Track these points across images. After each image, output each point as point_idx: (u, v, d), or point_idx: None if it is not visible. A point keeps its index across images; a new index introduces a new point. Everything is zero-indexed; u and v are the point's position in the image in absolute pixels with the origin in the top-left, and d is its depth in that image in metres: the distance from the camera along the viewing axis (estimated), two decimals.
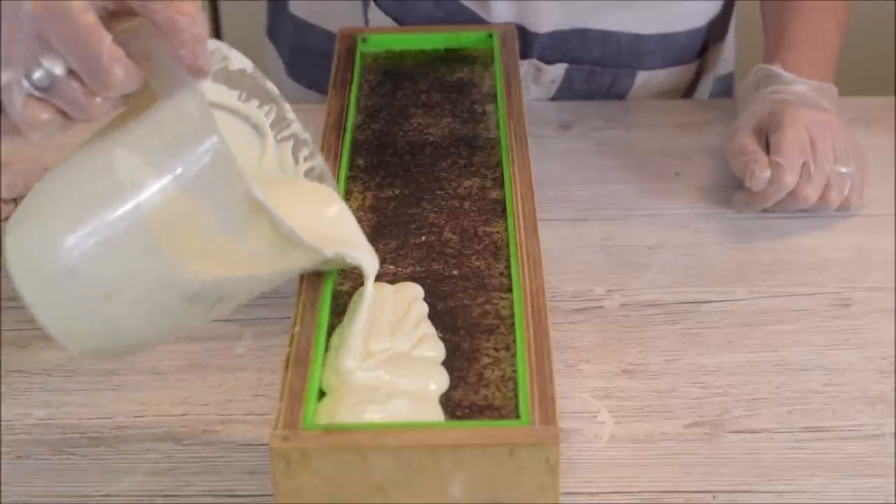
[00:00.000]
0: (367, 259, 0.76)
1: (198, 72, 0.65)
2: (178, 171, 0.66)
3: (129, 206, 0.66)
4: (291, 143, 0.81)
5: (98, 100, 0.65)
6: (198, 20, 0.65)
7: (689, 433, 0.83)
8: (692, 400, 0.85)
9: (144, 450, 0.82)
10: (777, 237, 1.01)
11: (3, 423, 0.84)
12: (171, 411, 0.85)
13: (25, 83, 0.65)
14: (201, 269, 0.69)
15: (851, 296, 0.95)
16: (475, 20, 1.14)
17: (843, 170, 1.01)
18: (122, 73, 0.64)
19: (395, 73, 1.03)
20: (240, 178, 0.66)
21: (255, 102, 0.80)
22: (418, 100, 0.99)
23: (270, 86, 0.80)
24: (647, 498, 0.78)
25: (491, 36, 1.07)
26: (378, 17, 1.16)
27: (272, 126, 0.80)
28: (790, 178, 0.99)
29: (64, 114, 0.66)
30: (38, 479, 0.80)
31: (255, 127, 0.80)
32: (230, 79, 0.78)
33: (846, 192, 1.01)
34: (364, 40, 1.06)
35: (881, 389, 0.86)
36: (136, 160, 0.67)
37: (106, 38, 0.63)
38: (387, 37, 1.07)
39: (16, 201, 1.05)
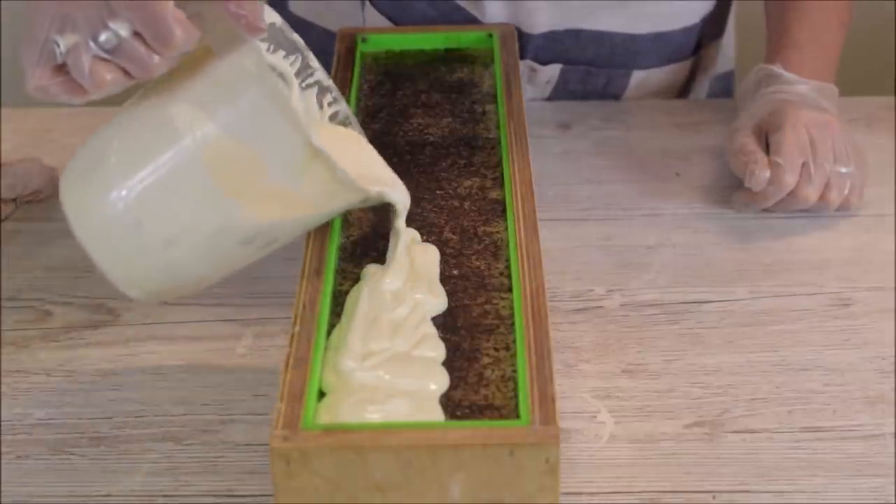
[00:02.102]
0: (401, 195, 0.80)
1: (254, 29, 0.71)
2: (238, 122, 0.71)
3: (190, 156, 0.71)
4: (316, 89, 0.85)
5: (157, 58, 0.70)
6: None
7: (689, 433, 0.83)
8: (692, 400, 0.85)
9: (144, 450, 0.82)
10: (777, 237, 1.01)
11: (3, 423, 0.84)
12: (171, 411, 0.85)
13: (93, 46, 0.70)
14: (259, 213, 0.73)
15: (851, 296, 0.95)
16: (470, 20, 1.14)
17: (843, 170, 1.01)
18: (182, 32, 0.70)
19: (395, 73, 1.03)
20: (299, 126, 0.70)
21: (281, 53, 0.83)
22: (418, 100, 0.99)
23: (296, 37, 0.84)
24: (647, 498, 0.78)
25: (491, 36, 1.06)
26: (374, 16, 1.16)
27: (297, 74, 0.84)
28: (790, 179, 0.99)
29: (126, 73, 0.71)
30: (38, 479, 0.80)
31: (282, 76, 0.83)
32: None
33: (846, 192, 1.01)
34: (364, 40, 1.06)
35: (881, 389, 0.86)
36: (196, 113, 0.71)
37: (169, 1, 0.69)
38: (387, 37, 1.07)
39: (16, 201, 1.05)
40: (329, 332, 0.75)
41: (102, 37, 0.70)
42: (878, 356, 0.89)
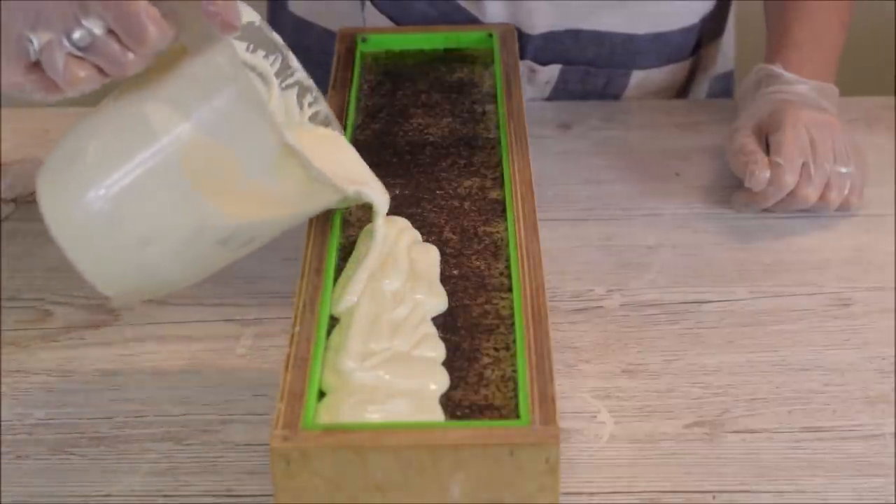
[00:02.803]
0: (380, 196, 0.80)
1: (229, 27, 0.70)
2: (213, 121, 0.71)
3: (166, 155, 0.71)
4: (296, 90, 0.85)
5: (132, 56, 0.70)
6: None
7: (689, 433, 0.83)
8: (692, 400, 0.85)
9: (144, 450, 0.82)
10: (777, 237, 1.01)
11: (3, 423, 0.84)
12: (171, 411, 0.85)
13: (66, 43, 0.70)
14: (235, 212, 0.73)
15: (851, 296, 0.95)
16: (470, 20, 1.14)
17: (843, 170, 1.01)
18: (156, 30, 0.69)
19: (395, 73, 1.03)
20: (273, 125, 0.70)
21: (261, 53, 0.83)
22: (418, 100, 0.99)
23: (276, 36, 0.83)
24: (647, 498, 0.78)
25: (491, 36, 1.06)
26: (374, 15, 1.16)
27: (277, 74, 0.84)
28: (790, 179, 0.99)
29: (100, 70, 0.71)
30: (38, 479, 0.80)
31: (261, 76, 0.84)
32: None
33: (846, 192, 1.01)
34: (364, 40, 1.06)
35: (881, 389, 0.86)
36: (170, 112, 0.71)
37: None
38: (387, 37, 1.07)
39: (15, 201, 1.05)
40: (329, 333, 0.75)
41: (76, 34, 0.70)
42: (878, 356, 0.89)
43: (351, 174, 0.80)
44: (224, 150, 0.71)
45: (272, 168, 0.72)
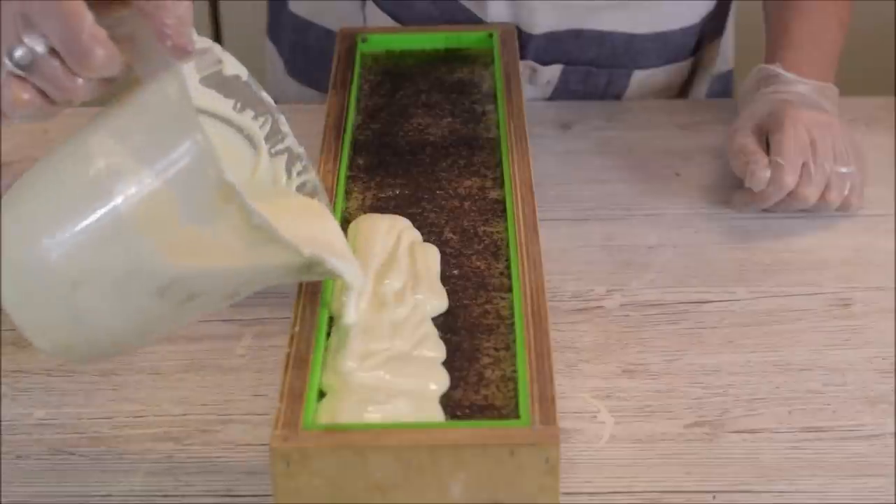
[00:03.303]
0: (351, 269, 0.74)
1: (180, 51, 0.65)
2: (154, 155, 0.66)
3: (103, 191, 0.66)
4: (286, 157, 0.80)
5: (79, 81, 0.65)
6: (181, 1, 0.64)
7: (689, 433, 0.83)
8: (692, 400, 0.85)
9: (144, 450, 0.82)
10: (777, 237, 1.01)
11: (3, 423, 0.84)
12: (171, 411, 0.85)
13: (7, 62, 0.65)
14: (172, 257, 0.67)
15: (851, 296, 0.95)
16: (472, 19, 1.14)
17: (844, 170, 1.01)
18: (102, 53, 0.64)
19: (395, 73, 1.03)
20: (214, 162, 0.65)
21: (250, 113, 0.79)
22: (418, 100, 0.99)
23: (265, 96, 0.78)
24: (647, 498, 0.78)
25: (491, 36, 1.06)
26: (375, 14, 1.16)
27: (266, 139, 0.79)
28: (790, 179, 0.99)
29: (44, 95, 0.66)
30: (38, 479, 0.80)
31: (249, 139, 0.79)
32: (225, 85, 0.77)
33: (846, 192, 1.01)
34: (364, 40, 1.06)
35: (881, 389, 0.86)
36: (114, 145, 0.67)
37: (88, 18, 0.63)
38: (387, 37, 1.07)
39: None
40: (329, 333, 0.75)
41: (17, 53, 0.65)
42: (878, 356, 0.89)
43: (329, 246, 0.75)
44: (164, 187, 0.66)
45: (211, 211, 0.66)
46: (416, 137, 0.94)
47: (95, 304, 0.68)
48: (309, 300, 0.76)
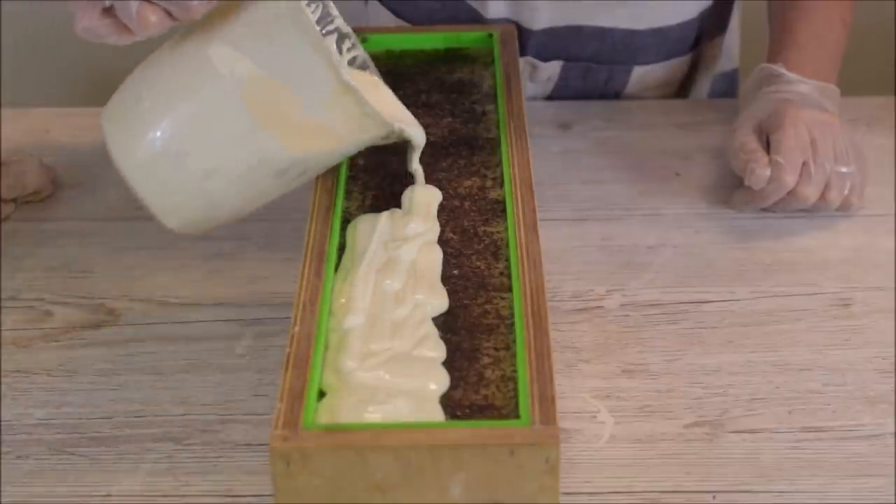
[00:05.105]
0: (418, 132, 0.86)
1: None
2: (273, 60, 0.76)
3: (228, 92, 0.77)
4: (336, 36, 0.90)
5: (196, 1, 0.75)
6: None
7: (689, 433, 0.83)
8: (692, 400, 0.85)
9: (144, 450, 0.82)
10: (777, 237, 1.01)
11: (3, 423, 0.84)
12: (171, 411, 0.85)
13: None
14: (294, 145, 0.78)
15: (851, 296, 0.95)
16: (473, 15, 1.14)
17: (844, 170, 1.01)
18: None
19: (395, 73, 1.03)
20: (332, 63, 0.76)
21: (304, 1, 0.85)
22: (418, 100, 0.99)
23: None
24: (647, 498, 0.78)
25: (491, 36, 1.07)
26: (377, 9, 1.16)
27: (318, 22, 0.89)
28: (790, 178, 0.99)
29: (169, 14, 0.75)
30: (38, 479, 0.80)
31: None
32: None
33: (846, 192, 1.01)
34: (364, 40, 1.06)
35: (881, 389, 0.86)
36: (231, 51, 0.77)
37: None
38: (387, 37, 1.07)
39: (15, 201, 1.05)
40: (329, 333, 0.75)
41: None
42: (878, 356, 0.89)
43: (392, 112, 0.85)
44: (284, 86, 0.76)
45: (328, 103, 0.77)
46: None
47: (223, 189, 0.79)
48: (309, 300, 0.76)
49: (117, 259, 0.98)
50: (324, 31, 0.89)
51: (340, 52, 0.90)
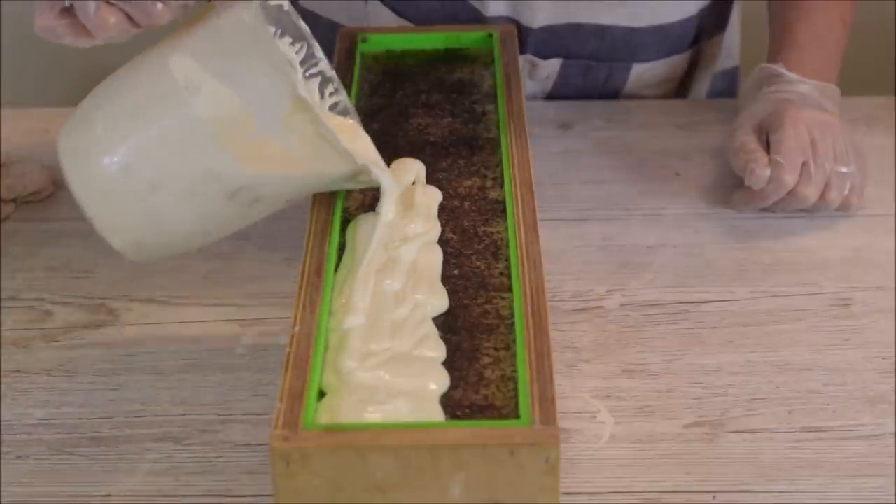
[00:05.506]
0: (388, 178, 0.83)
1: None
2: (231, 73, 0.74)
3: (183, 103, 0.74)
4: (319, 79, 0.87)
5: (160, 6, 0.74)
6: None
7: (689, 433, 0.83)
8: (692, 400, 0.85)
9: (144, 450, 0.82)
10: (777, 237, 1.01)
11: (3, 423, 0.84)
12: (171, 411, 0.85)
13: None
14: (245, 164, 0.75)
15: (851, 296, 0.95)
16: (472, 13, 1.14)
17: (844, 170, 1.01)
18: None
19: (395, 73, 1.03)
20: (289, 79, 0.74)
21: (287, 39, 0.85)
22: (418, 100, 0.99)
23: (303, 25, 0.85)
24: (647, 498, 0.78)
25: (491, 36, 1.06)
26: (377, 7, 1.16)
27: (302, 63, 0.86)
28: (790, 178, 0.99)
29: (130, 19, 0.74)
30: (38, 479, 0.80)
31: (289, 62, 0.85)
32: (268, 13, 0.83)
33: (846, 192, 1.01)
34: (364, 40, 1.06)
35: (881, 389, 0.86)
36: (192, 63, 0.74)
37: None
38: (387, 37, 1.07)
39: (15, 201, 1.05)
40: (329, 333, 0.75)
41: None
42: (878, 356, 0.89)
43: (364, 154, 0.82)
44: (241, 101, 0.74)
45: (283, 121, 0.75)
46: (416, 137, 0.94)
47: (169, 206, 0.76)
48: (309, 300, 0.76)
49: (117, 259, 0.98)
50: (307, 74, 0.86)
51: (322, 96, 0.87)
